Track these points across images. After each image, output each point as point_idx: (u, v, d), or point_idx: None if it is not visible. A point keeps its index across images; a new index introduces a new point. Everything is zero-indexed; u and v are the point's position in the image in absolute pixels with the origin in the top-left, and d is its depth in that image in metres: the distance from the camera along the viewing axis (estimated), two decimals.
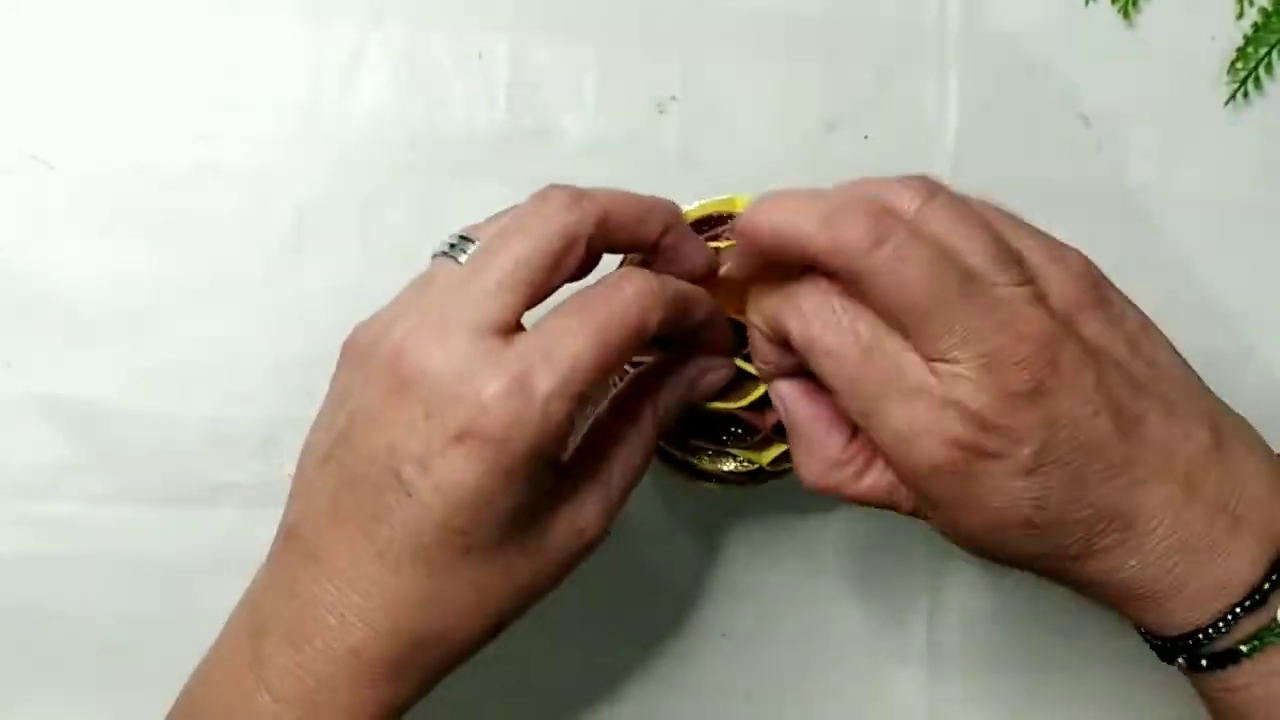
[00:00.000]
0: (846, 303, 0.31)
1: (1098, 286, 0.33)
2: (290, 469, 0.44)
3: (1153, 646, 0.35)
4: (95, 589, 0.43)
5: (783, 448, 0.38)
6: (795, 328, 0.32)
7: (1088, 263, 0.33)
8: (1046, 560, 0.33)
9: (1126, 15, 0.48)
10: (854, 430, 0.34)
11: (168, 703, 0.35)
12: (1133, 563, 0.32)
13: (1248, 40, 0.48)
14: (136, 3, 0.44)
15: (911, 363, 0.30)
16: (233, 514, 0.44)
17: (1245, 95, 0.48)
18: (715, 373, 0.37)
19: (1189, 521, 0.31)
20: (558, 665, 0.46)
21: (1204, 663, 0.33)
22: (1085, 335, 0.31)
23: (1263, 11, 0.47)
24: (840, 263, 0.30)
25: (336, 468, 0.32)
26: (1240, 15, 0.48)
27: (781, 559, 0.47)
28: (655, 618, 0.46)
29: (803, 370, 0.34)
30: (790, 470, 0.39)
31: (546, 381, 0.30)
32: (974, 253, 0.31)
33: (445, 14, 0.45)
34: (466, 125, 0.45)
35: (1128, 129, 0.48)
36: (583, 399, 0.31)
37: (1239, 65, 0.48)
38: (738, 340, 0.37)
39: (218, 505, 0.44)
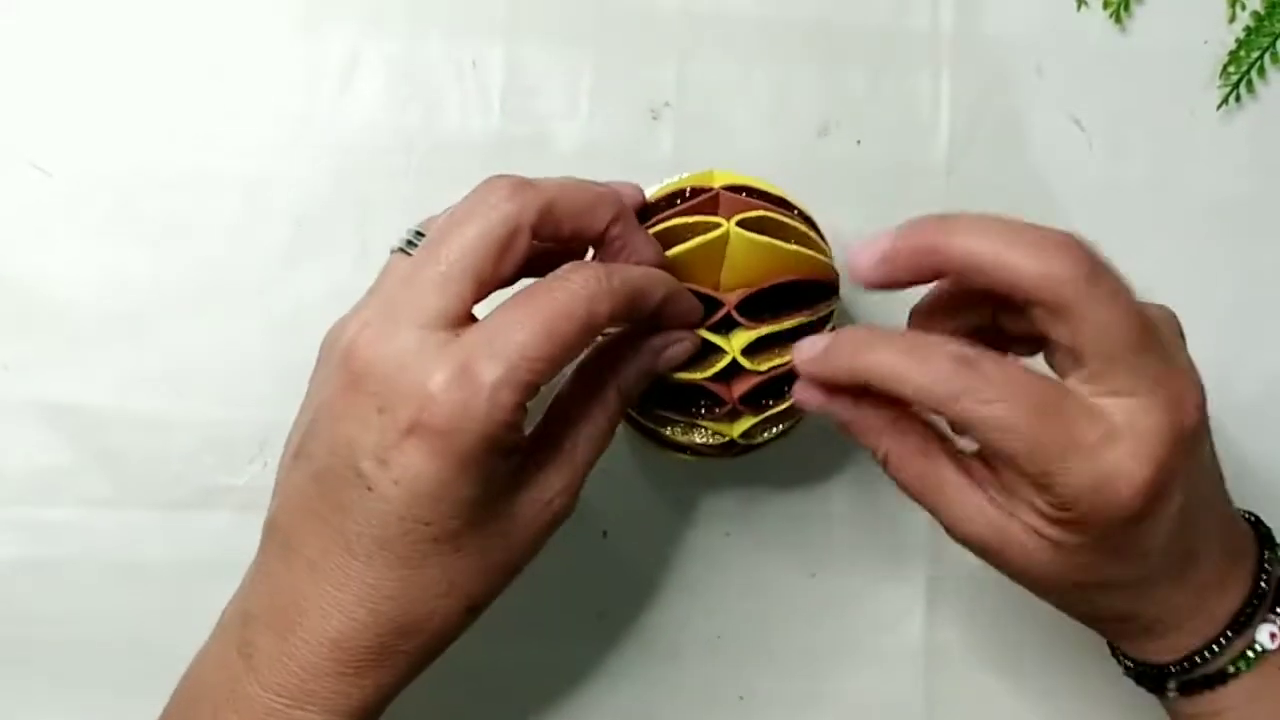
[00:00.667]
0: (1003, 366, 0.31)
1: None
2: None
3: (1142, 677, 0.37)
4: (93, 592, 0.44)
5: (751, 420, 0.38)
6: (952, 405, 0.31)
7: (1178, 320, 0.35)
8: (1115, 593, 0.34)
9: (1118, 19, 0.48)
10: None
11: (163, 702, 0.36)
12: (1181, 597, 0.34)
13: (1240, 44, 0.48)
14: (134, 10, 0.44)
15: (1089, 409, 0.30)
16: (229, 517, 0.44)
17: (1237, 99, 0.48)
18: (678, 345, 0.36)
19: (1219, 557, 0.34)
20: (549, 667, 0.46)
21: (1196, 686, 0.35)
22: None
23: (1255, 15, 0.48)
24: (1053, 293, 0.30)
25: (305, 462, 0.33)
26: (1232, 19, 0.48)
27: (776, 560, 0.47)
28: (648, 619, 0.46)
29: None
30: (763, 443, 0.40)
31: (492, 371, 0.30)
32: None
33: (440, 21, 0.45)
34: (462, 132, 0.45)
35: (1120, 132, 0.48)
36: (530, 388, 0.31)
37: (1231, 69, 0.48)
38: (703, 312, 0.37)
39: (214, 509, 0.44)
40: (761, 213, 0.37)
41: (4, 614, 0.44)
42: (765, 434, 0.39)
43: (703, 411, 0.38)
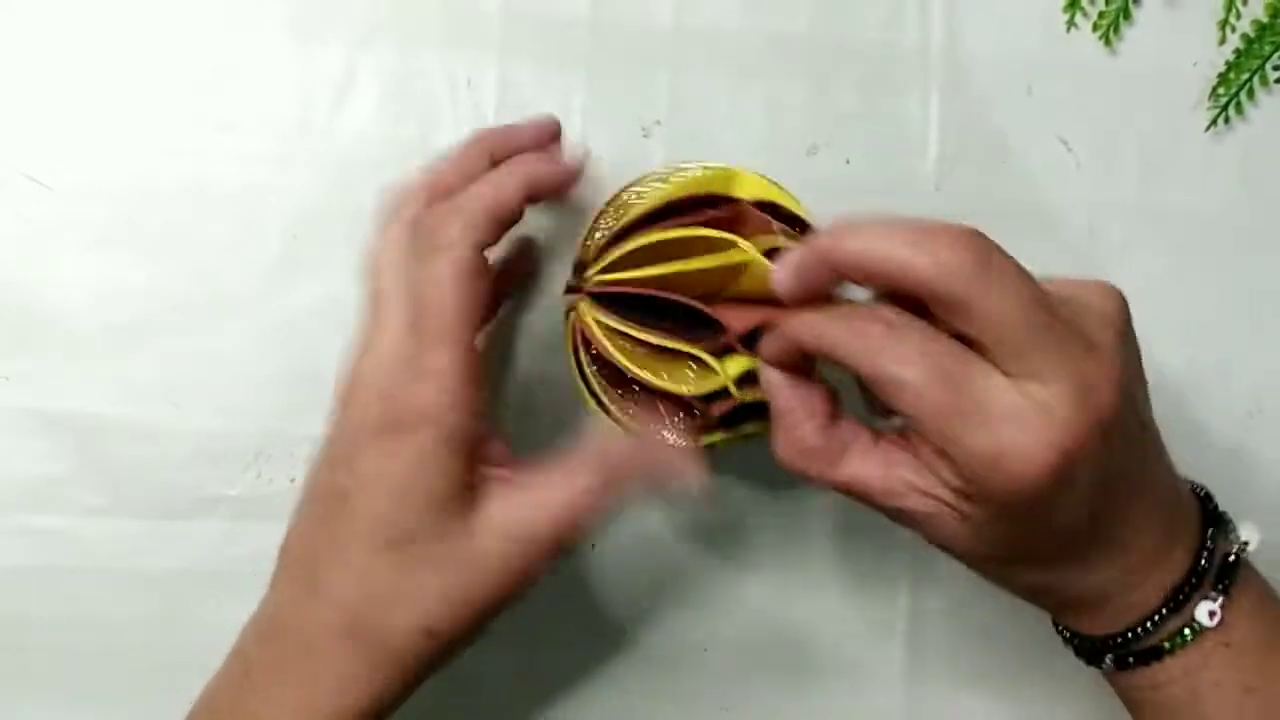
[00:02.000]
0: (922, 333, 0.31)
1: (1129, 324, 0.34)
2: (280, 483, 0.45)
3: (1076, 648, 0.37)
4: (88, 600, 0.44)
5: (723, 436, 0.39)
6: (864, 362, 0.32)
7: (1122, 299, 0.34)
8: (1034, 568, 0.34)
9: (1108, 41, 0.48)
10: (832, 419, 0.35)
11: (158, 710, 0.37)
12: (1108, 573, 0.34)
13: (1230, 66, 0.48)
14: (130, 24, 0.45)
15: (997, 385, 0.30)
16: (223, 526, 0.44)
17: (1226, 120, 0.48)
18: (677, 472, 0.37)
19: (1153, 535, 0.34)
20: (536, 678, 0.46)
21: (1130, 660, 0.35)
22: (1131, 368, 0.33)
23: (1244, 38, 0.48)
24: (942, 286, 0.30)
25: (307, 485, 0.35)
26: (1222, 41, 0.48)
27: (763, 575, 0.47)
28: (635, 631, 0.47)
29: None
30: (751, 420, 0.39)
31: (436, 357, 0.33)
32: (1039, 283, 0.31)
33: (435, 38, 0.46)
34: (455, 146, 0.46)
35: (1109, 153, 0.48)
36: (462, 358, 0.33)
37: (1221, 91, 0.48)
38: (694, 325, 0.37)
39: (209, 518, 0.44)
40: (784, 243, 0.37)
41: (0, 621, 0.44)
42: (752, 393, 0.38)
43: (680, 418, 0.39)
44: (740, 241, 0.36)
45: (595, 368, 0.39)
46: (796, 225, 0.39)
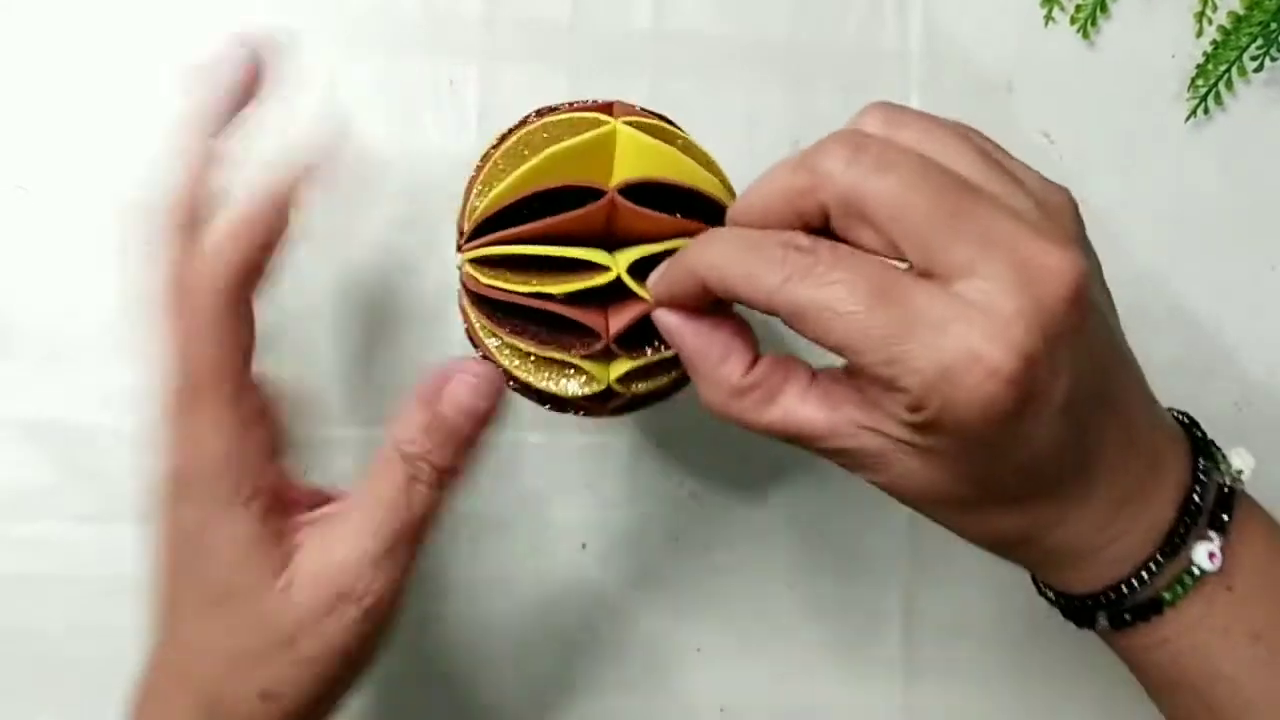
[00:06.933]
0: (839, 250, 0.28)
1: (1081, 222, 0.30)
2: None
3: (1065, 610, 0.33)
4: (74, 607, 0.44)
5: (628, 364, 0.34)
6: (780, 292, 0.28)
7: (1071, 196, 0.31)
8: (1003, 509, 0.30)
9: (1085, 34, 0.49)
10: (754, 357, 0.31)
11: None
12: (1089, 515, 0.30)
13: (1207, 58, 0.48)
14: (111, 27, 0.45)
15: (930, 291, 0.26)
16: None
17: (1206, 111, 0.49)
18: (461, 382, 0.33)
19: (1135, 468, 0.30)
20: (530, 680, 0.46)
21: (1126, 618, 0.31)
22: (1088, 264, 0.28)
23: (1221, 29, 0.48)
24: (826, 193, 0.28)
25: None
26: (1200, 33, 0.49)
27: (755, 572, 0.47)
28: (628, 632, 0.47)
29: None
30: (644, 399, 0.36)
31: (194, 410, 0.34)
32: (963, 164, 0.28)
33: (417, 42, 0.46)
34: (440, 150, 0.46)
35: (1090, 145, 0.48)
36: (222, 410, 0.33)
37: (1199, 82, 0.49)
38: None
39: None
40: (655, 121, 0.35)
41: None
42: (643, 384, 0.35)
43: (573, 341, 0.34)
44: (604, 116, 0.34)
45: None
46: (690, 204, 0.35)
